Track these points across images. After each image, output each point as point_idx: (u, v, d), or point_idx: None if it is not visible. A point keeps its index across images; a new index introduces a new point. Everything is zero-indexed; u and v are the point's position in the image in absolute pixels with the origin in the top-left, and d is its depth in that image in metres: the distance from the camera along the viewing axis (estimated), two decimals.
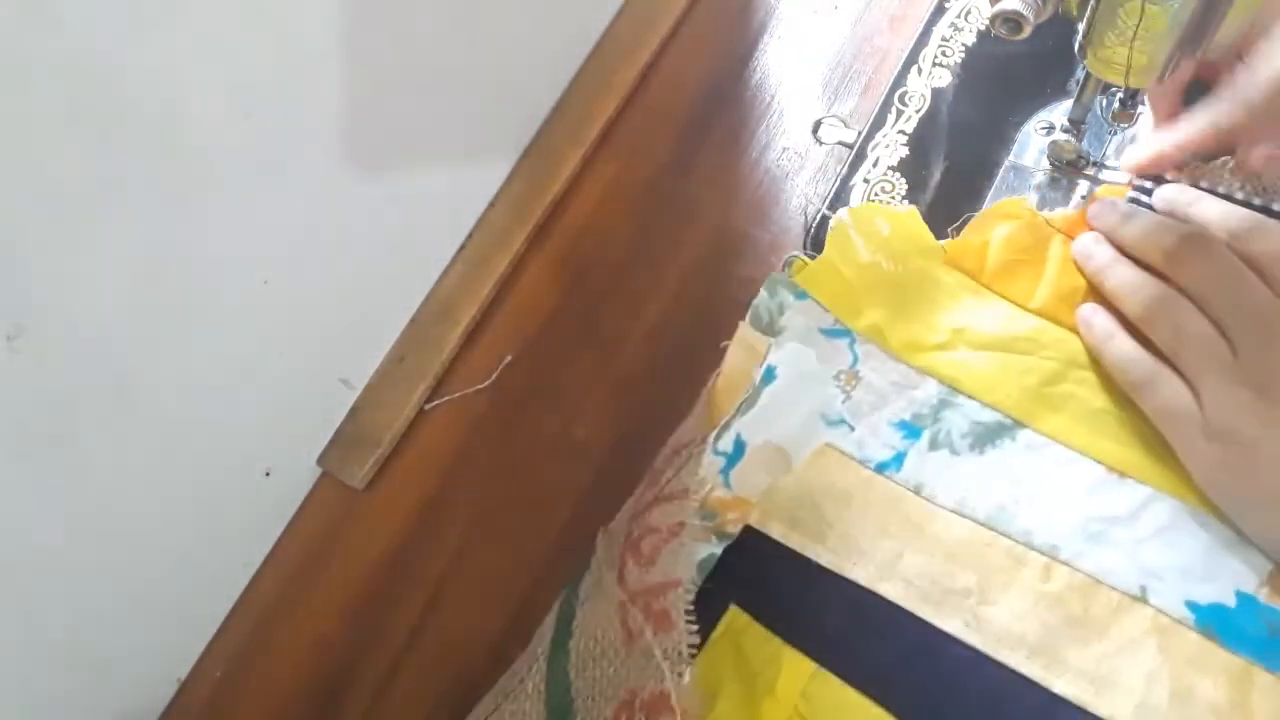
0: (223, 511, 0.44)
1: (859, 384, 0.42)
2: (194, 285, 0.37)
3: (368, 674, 0.44)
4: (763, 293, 0.44)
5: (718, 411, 0.42)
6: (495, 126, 0.50)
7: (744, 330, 0.43)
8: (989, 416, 0.40)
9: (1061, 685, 0.35)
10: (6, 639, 0.36)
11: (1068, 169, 0.44)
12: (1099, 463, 0.39)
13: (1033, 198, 0.45)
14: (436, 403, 0.48)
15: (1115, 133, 0.43)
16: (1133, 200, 0.42)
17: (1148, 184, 0.42)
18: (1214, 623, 0.35)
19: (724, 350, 0.43)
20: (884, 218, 0.45)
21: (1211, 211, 0.39)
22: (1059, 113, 0.45)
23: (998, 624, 0.37)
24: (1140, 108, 0.44)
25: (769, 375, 0.43)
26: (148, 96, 0.32)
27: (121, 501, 0.39)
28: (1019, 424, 0.40)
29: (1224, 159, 0.41)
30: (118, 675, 0.42)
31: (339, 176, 0.42)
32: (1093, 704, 0.35)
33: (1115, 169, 0.44)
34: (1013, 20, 0.36)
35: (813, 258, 0.45)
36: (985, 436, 0.40)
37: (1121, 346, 0.39)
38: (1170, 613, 0.36)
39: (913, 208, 0.45)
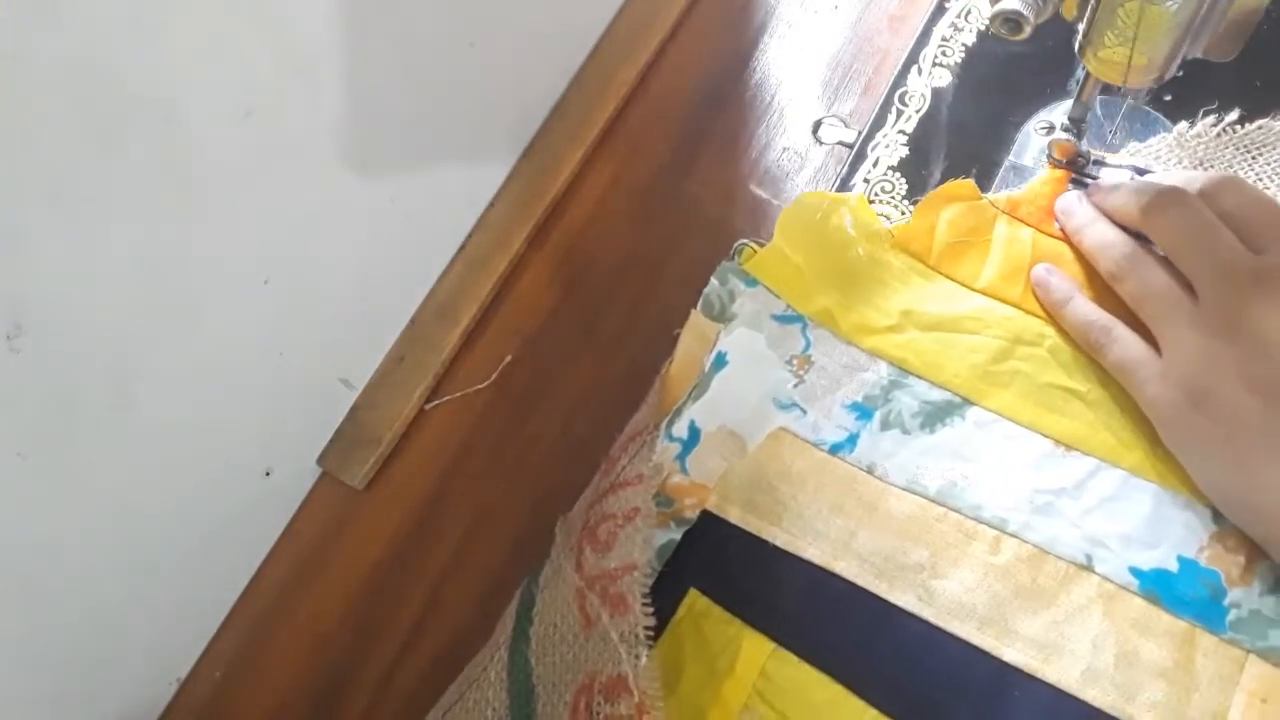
0: (223, 511, 0.44)
1: (811, 368, 0.43)
2: (194, 285, 0.37)
3: (368, 674, 0.44)
4: (713, 281, 0.45)
5: (670, 398, 0.43)
6: (495, 126, 0.50)
7: (695, 318, 0.44)
8: (938, 395, 0.41)
9: (1011, 654, 0.37)
10: (6, 639, 0.36)
11: (1068, 169, 0.44)
12: (1046, 436, 0.40)
13: None
14: (436, 403, 0.48)
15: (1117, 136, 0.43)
16: (1076, 181, 0.44)
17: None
18: (1157, 587, 0.36)
19: (677, 338, 0.44)
20: (831, 204, 0.46)
21: (1186, 174, 0.40)
22: (1059, 113, 0.45)
23: (949, 597, 0.38)
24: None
25: (720, 361, 0.44)
26: (148, 96, 0.32)
27: (121, 501, 0.39)
28: (968, 402, 0.41)
29: (1161, 135, 0.44)
30: (118, 675, 0.42)
31: (339, 176, 0.42)
32: (1041, 670, 0.36)
33: (1115, 168, 0.44)
34: (1013, 20, 0.36)
35: (762, 245, 0.46)
36: (935, 415, 0.41)
37: (1080, 308, 0.40)
38: (1115, 579, 0.37)
39: (860, 194, 0.46)
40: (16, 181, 0.30)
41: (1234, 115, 0.43)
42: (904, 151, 0.47)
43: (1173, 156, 0.43)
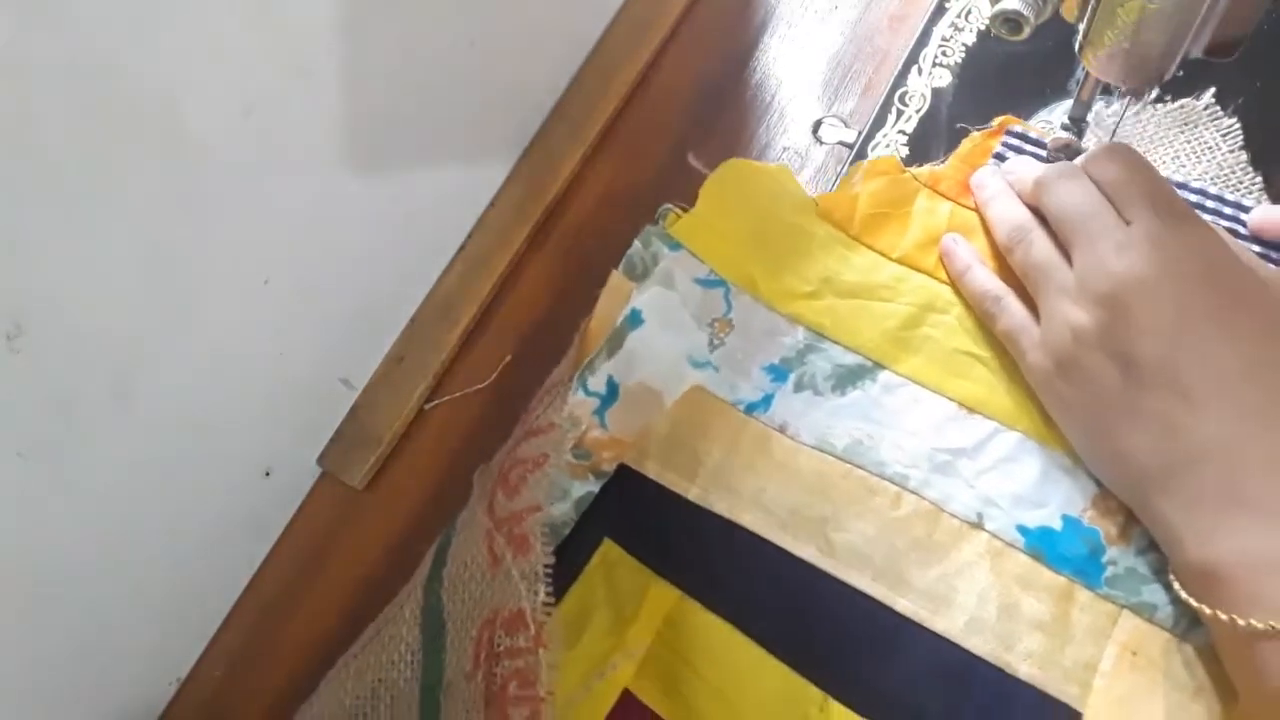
0: (223, 511, 0.44)
1: (732, 331, 0.45)
2: (194, 285, 0.37)
3: None
4: (636, 243, 0.46)
5: (587, 353, 0.44)
6: (495, 126, 0.50)
7: (616, 277, 0.46)
8: (851, 359, 0.43)
9: (903, 604, 0.38)
10: (6, 639, 0.36)
11: None
12: (950, 399, 0.41)
13: None
14: (436, 403, 0.48)
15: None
16: (998, 156, 0.45)
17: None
18: (1041, 545, 0.38)
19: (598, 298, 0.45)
20: (756, 172, 0.47)
21: (1092, 148, 0.41)
22: (1059, 112, 0.45)
23: (848, 549, 0.40)
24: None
25: (635, 319, 0.45)
26: (148, 96, 0.32)
27: (121, 502, 0.39)
28: (879, 366, 0.43)
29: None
30: (118, 675, 0.42)
31: (339, 176, 0.42)
32: (930, 620, 0.38)
33: None
34: (1013, 20, 0.36)
35: (686, 210, 0.47)
36: (847, 378, 0.43)
37: (977, 277, 0.42)
38: (1003, 536, 0.39)
39: (784, 164, 0.47)
40: (16, 181, 0.30)
41: (1153, 94, 0.43)
42: (904, 151, 0.47)
43: (1091, 136, 0.44)
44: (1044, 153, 0.44)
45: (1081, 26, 0.36)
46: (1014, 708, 0.36)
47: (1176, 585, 0.35)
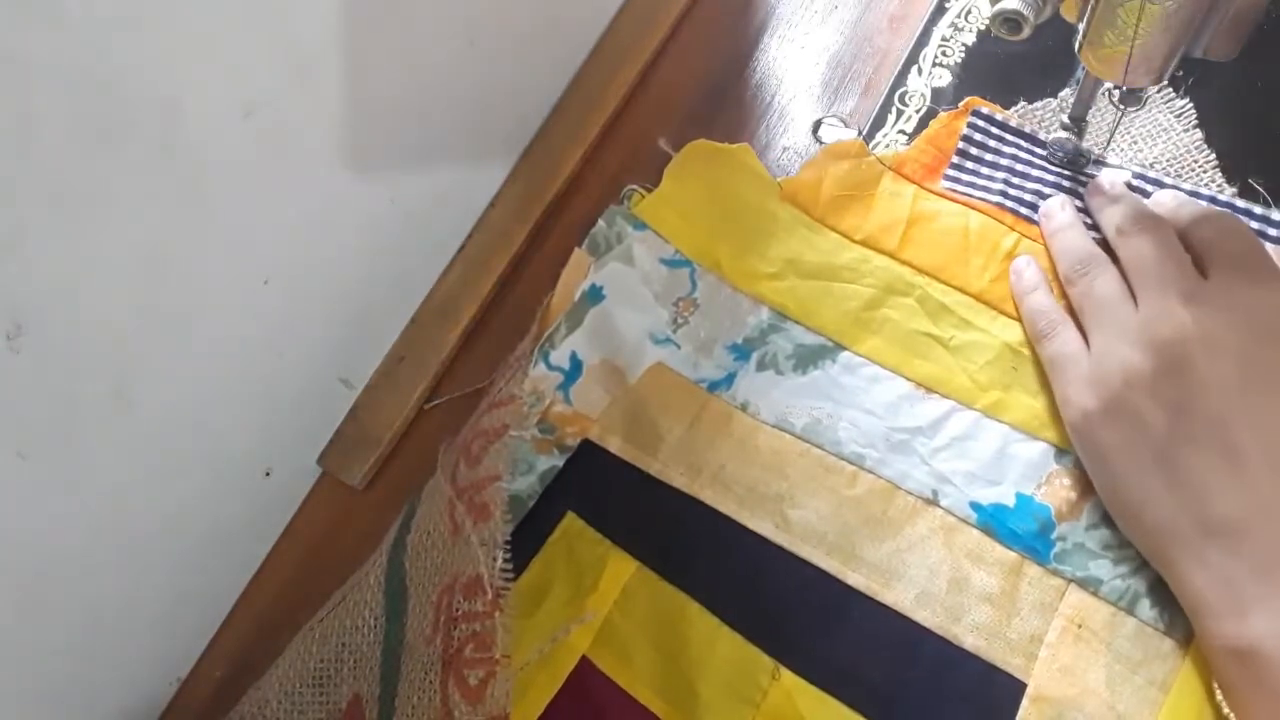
0: (223, 512, 0.44)
1: (696, 311, 0.46)
2: (194, 285, 0.37)
3: None
4: (600, 223, 0.47)
5: (547, 329, 0.46)
6: (495, 126, 0.50)
7: (578, 254, 0.47)
8: (812, 339, 0.44)
9: (855, 578, 0.40)
10: (6, 639, 0.36)
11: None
12: (908, 379, 0.42)
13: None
14: (436, 402, 0.48)
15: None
16: (965, 138, 0.46)
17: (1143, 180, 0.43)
18: (993, 521, 0.39)
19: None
20: (719, 153, 0.48)
21: (1183, 203, 0.40)
22: (1054, 109, 0.45)
23: (804, 524, 0.41)
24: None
25: (595, 294, 0.46)
26: (148, 96, 0.32)
27: (121, 502, 0.39)
28: (839, 346, 0.43)
29: (1046, 100, 0.46)
30: (118, 675, 0.42)
31: (339, 176, 0.42)
32: (880, 593, 0.39)
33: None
34: (1013, 20, 0.36)
35: (650, 190, 0.48)
36: (808, 358, 0.43)
37: (1037, 299, 0.41)
38: (956, 513, 0.40)
39: (746, 144, 0.48)
40: (16, 181, 0.30)
41: (1109, 84, 0.42)
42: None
43: (1054, 120, 0.45)
44: (1030, 143, 0.45)
45: (1081, 26, 0.36)
46: (959, 677, 0.37)
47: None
